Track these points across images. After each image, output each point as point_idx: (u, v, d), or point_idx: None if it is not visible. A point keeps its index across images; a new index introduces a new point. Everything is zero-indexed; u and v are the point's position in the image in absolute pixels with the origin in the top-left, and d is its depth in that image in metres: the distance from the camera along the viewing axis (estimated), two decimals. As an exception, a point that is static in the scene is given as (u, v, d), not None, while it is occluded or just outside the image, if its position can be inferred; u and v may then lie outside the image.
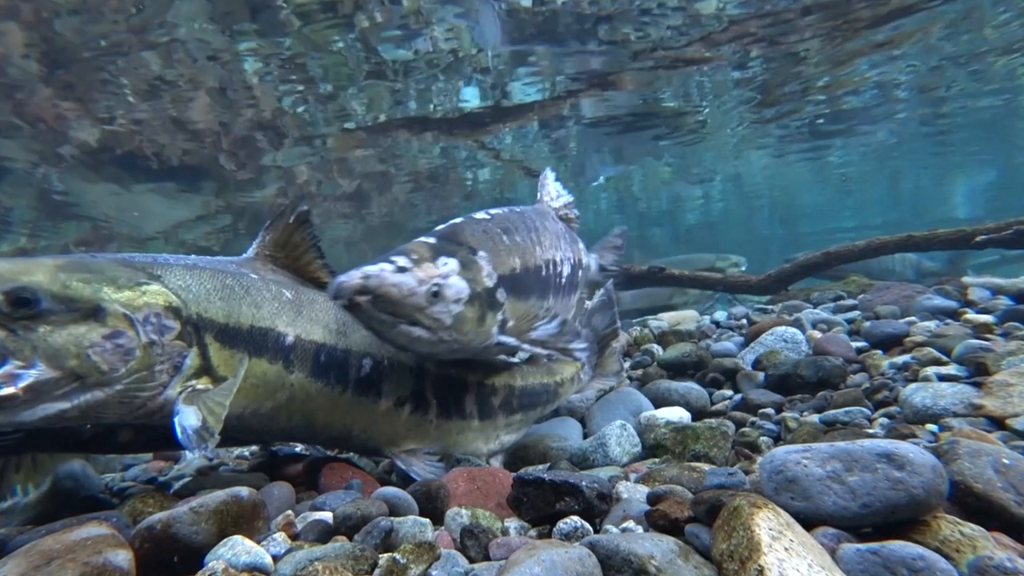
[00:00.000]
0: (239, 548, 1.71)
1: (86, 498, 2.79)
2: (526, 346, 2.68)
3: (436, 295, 2.35)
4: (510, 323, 2.70)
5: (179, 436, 2.07)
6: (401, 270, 2.32)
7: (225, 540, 1.74)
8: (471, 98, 9.77)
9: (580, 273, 3.46)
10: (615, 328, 3.97)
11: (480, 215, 2.88)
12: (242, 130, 9.57)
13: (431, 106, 9.76)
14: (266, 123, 9.45)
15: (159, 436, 2.61)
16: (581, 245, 3.66)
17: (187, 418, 2.12)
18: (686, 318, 6.08)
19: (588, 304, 3.86)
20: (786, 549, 1.45)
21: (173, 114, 8.60)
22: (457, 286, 2.42)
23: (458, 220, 2.81)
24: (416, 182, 14.11)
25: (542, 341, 2.71)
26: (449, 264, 2.44)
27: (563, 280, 3.17)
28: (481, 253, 2.59)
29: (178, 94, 8.12)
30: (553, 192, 3.70)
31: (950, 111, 14.57)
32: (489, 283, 2.55)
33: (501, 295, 2.61)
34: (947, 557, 1.52)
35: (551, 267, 3.06)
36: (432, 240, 2.57)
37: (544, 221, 3.19)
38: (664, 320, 5.97)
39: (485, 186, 15.74)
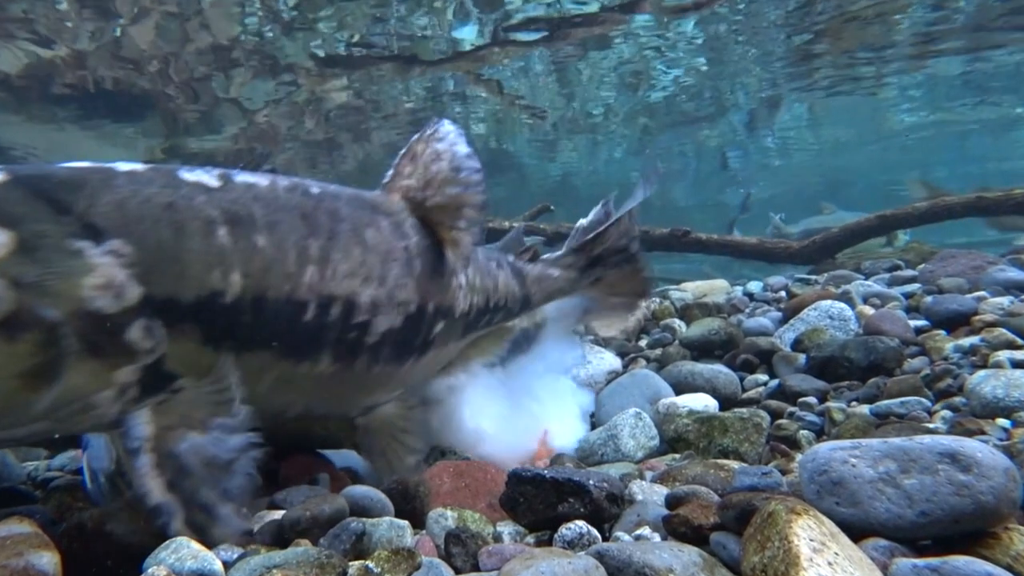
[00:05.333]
0: (184, 552, 1.69)
1: (5, 490, 2.78)
2: (139, 472, 1.72)
3: None
4: (184, 392, 1.79)
5: None
6: None
7: (168, 542, 1.73)
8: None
9: (436, 330, 2.44)
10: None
11: (199, 177, 1.89)
12: (192, 57, 9.42)
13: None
14: (221, 48, 9.30)
15: None
16: (464, 280, 2.58)
17: None
18: (714, 289, 6.07)
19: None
20: (830, 564, 1.44)
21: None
22: None
23: (120, 166, 1.82)
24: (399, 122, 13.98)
25: (179, 468, 1.74)
26: None
27: (368, 338, 2.19)
28: (113, 242, 1.65)
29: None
30: (426, 170, 2.41)
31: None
32: (103, 302, 1.62)
33: (145, 333, 1.68)
34: (1020, 576, 1.51)
35: (336, 311, 2.08)
36: None
37: (364, 226, 2.22)
38: (688, 291, 5.96)
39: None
